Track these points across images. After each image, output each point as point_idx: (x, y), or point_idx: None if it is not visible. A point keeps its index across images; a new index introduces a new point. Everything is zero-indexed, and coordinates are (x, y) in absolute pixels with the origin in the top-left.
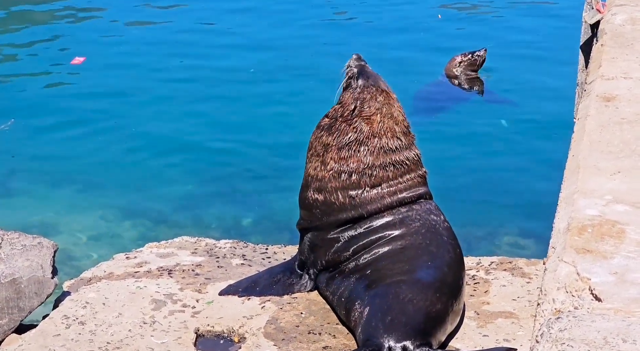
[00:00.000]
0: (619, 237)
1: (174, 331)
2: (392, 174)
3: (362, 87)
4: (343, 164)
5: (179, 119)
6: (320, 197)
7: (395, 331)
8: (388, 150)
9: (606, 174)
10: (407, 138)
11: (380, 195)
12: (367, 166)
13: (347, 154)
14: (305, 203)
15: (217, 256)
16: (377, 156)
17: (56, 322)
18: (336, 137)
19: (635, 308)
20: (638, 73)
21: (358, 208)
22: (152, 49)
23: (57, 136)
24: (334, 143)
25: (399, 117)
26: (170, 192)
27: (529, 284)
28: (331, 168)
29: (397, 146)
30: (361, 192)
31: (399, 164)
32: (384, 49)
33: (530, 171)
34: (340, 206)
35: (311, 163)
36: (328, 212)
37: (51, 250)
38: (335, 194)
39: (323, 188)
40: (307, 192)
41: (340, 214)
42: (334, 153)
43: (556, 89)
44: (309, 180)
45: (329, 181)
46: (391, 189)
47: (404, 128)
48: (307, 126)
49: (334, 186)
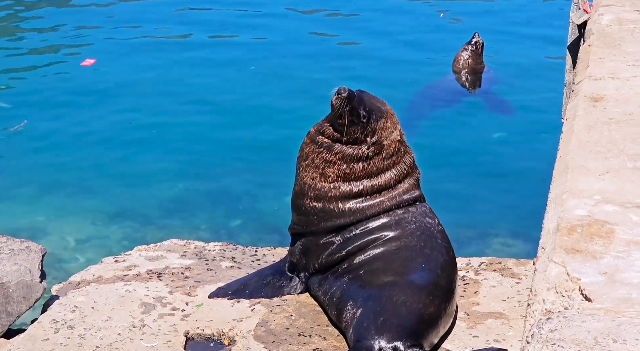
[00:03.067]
0: (608, 237)
1: (164, 334)
2: (393, 182)
3: (372, 127)
4: (346, 178)
5: (167, 122)
6: (318, 205)
7: (387, 332)
8: (387, 157)
9: (595, 174)
10: (404, 145)
11: (380, 201)
12: (369, 175)
13: (350, 170)
14: (302, 210)
15: (207, 259)
16: (379, 165)
17: (45, 326)
18: (340, 158)
19: (625, 308)
20: (625, 73)
21: (357, 214)
22: (144, 53)
23: (45, 140)
24: (338, 161)
25: (399, 130)
26: (159, 194)
27: (518, 285)
28: (332, 181)
29: (399, 159)
30: (362, 200)
31: (398, 170)
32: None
33: (519, 172)
34: (339, 213)
35: (307, 173)
36: (326, 218)
37: (39, 254)
38: (335, 203)
39: (322, 197)
40: (304, 200)
41: (339, 220)
42: (335, 168)
43: (548, 89)
44: (305, 188)
45: (328, 191)
46: (391, 194)
47: (402, 136)
48: (296, 127)
49: (334, 196)
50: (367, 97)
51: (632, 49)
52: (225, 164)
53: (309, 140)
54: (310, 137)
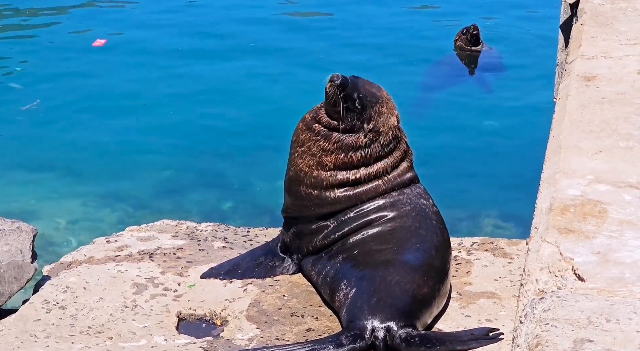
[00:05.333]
0: (601, 217)
1: (156, 315)
2: (389, 168)
3: (367, 113)
4: (343, 167)
5: (158, 104)
6: (315, 192)
7: (380, 312)
8: (385, 144)
9: (588, 154)
10: (400, 131)
11: (376, 185)
12: (367, 163)
13: (349, 160)
14: (297, 196)
15: (199, 239)
16: (377, 151)
17: (36, 307)
18: (339, 147)
19: (618, 287)
20: (618, 52)
21: (353, 199)
22: (141, 35)
23: (37, 121)
24: (336, 150)
25: (397, 115)
26: (150, 177)
27: (510, 265)
28: (329, 169)
29: (395, 139)
30: (359, 186)
31: (395, 156)
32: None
33: (510, 153)
34: (334, 200)
35: (303, 160)
36: (321, 205)
37: (30, 234)
38: (332, 190)
39: (318, 185)
40: (299, 186)
41: (334, 206)
42: (333, 157)
43: (540, 68)
44: (301, 175)
45: (325, 179)
46: (386, 178)
47: (399, 121)
48: (288, 110)
49: (330, 184)
50: (362, 82)
51: (624, 28)
52: (216, 147)
53: (305, 127)
54: (306, 124)
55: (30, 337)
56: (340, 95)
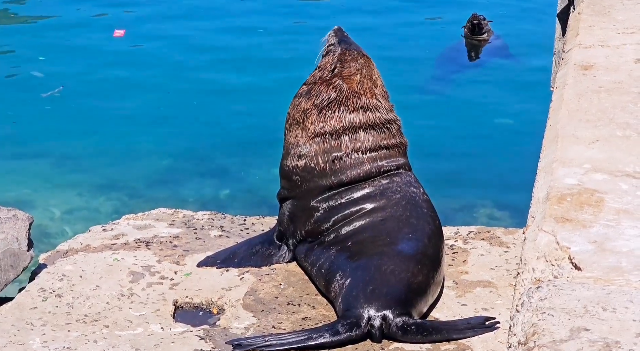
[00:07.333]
0: (598, 206)
1: (152, 303)
2: (372, 138)
3: (343, 50)
4: (323, 125)
5: (154, 92)
6: (300, 163)
7: (376, 301)
8: (367, 109)
9: (585, 143)
10: (386, 103)
11: (361, 160)
12: (347, 126)
13: (327, 115)
14: (286, 170)
15: (195, 228)
16: (356, 115)
17: (33, 295)
18: (315, 99)
19: (615, 276)
20: (615, 41)
21: (338, 173)
22: (138, 26)
23: (33, 110)
24: (314, 106)
25: (378, 81)
26: (147, 166)
27: (506, 254)
28: (312, 131)
29: (377, 106)
30: (341, 155)
31: (380, 127)
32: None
33: (506, 144)
34: (320, 172)
35: (291, 132)
36: (308, 178)
37: (26, 222)
38: (315, 158)
39: (303, 154)
40: (286, 160)
41: (320, 180)
42: (314, 117)
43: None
44: (289, 148)
45: (309, 145)
46: (371, 154)
47: (383, 92)
48: (285, 97)
49: (314, 150)
50: (355, 43)
51: (622, 17)
52: (213, 135)
53: (293, 98)
54: (295, 95)
55: (26, 325)
56: (335, 39)
